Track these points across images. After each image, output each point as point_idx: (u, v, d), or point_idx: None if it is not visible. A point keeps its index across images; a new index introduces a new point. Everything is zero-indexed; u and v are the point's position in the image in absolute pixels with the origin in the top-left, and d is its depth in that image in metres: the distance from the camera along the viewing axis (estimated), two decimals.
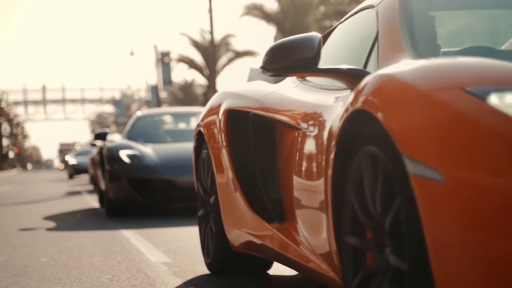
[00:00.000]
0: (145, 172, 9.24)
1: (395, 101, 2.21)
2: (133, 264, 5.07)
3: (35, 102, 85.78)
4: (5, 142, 78.51)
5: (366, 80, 2.42)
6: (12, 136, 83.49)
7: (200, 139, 4.53)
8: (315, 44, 2.95)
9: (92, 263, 5.21)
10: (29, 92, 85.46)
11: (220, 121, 4.07)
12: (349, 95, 2.67)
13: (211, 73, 39.81)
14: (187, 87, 63.45)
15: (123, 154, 9.42)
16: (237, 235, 3.95)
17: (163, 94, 58.68)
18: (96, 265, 5.10)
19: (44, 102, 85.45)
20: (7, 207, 13.00)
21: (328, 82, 3.41)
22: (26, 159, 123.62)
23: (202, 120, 4.44)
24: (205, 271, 4.65)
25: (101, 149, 10.95)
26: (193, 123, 11.29)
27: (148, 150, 9.61)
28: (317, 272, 3.02)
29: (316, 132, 3.05)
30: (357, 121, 2.47)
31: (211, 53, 34.48)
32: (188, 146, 9.33)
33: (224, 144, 3.97)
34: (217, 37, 46.91)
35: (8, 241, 7.00)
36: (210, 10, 31.76)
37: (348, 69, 2.97)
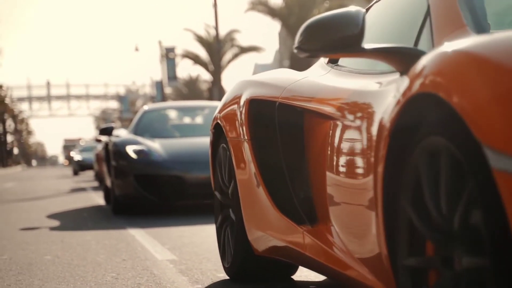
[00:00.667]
0: (153, 168, 8.87)
1: (469, 80, 1.82)
2: (138, 262, 4.99)
3: (40, 98, 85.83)
4: (9, 138, 78.55)
5: (425, 59, 2.08)
6: (17, 132, 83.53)
7: (217, 132, 4.12)
8: (360, 20, 2.57)
9: (97, 261, 5.13)
10: (33, 88, 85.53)
11: (241, 112, 3.68)
12: (400, 79, 2.36)
13: (216, 69, 39.71)
14: (192, 83, 63.40)
15: (130, 150, 9.08)
16: (260, 238, 3.58)
17: (168, 90, 58.63)
18: (101, 263, 5.02)
19: (48, 98, 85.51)
20: (12, 204, 12.93)
21: (368, 66, 3.08)
22: (31, 155, 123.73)
23: (220, 112, 4.03)
24: (212, 269, 4.57)
25: (106, 144, 10.56)
26: (201, 117, 11.02)
27: (155, 145, 9.24)
28: (356, 280, 2.71)
29: (358, 122, 2.67)
30: (416, 108, 2.13)
31: (216, 49, 34.35)
32: (197, 141, 9.24)
33: (246, 137, 3.60)
34: (222, 32, 46.81)
35: (12, 238, 6.92)
36: (215, 5, 31.65)
37: (401, 48, 2.58)
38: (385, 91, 2.53)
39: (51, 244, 6.25)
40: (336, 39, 2.59)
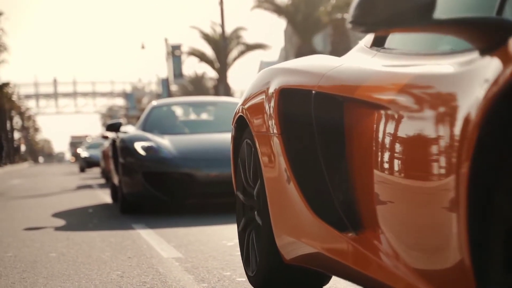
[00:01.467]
0: (162, 165, 8.50)
1: None
2: (144, 260, 4.95)
3: (47, 96, 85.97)
4: (16, 135, 78.67)
5: None
6: (24, 129, 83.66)
7: (241, 126, 3.68)
8: None
9: (102, 258, 5.09)
10: (40, 86, 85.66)
11: (270, 103, 3.22)
12: (485, 59, 1.96)
13: (222, 66, 39.68)
14: (197, 80, 63.38)
15: (138, 146, 8.70)
16: (291, 244, 3.13)
17: (173, 87, 58.61)
18: (106, 260, 4.98)
19: (55, 95, 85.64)
20: (18, 200, 12.91)
21: (426, 46, 2.67)
22: (38, 152, 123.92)
23: (244, 104, 3.59)
24: (218, 267, 4.52)
25: (114, 141, 10.24)
26: (212, 113, 10.70)
27: (165, 141, 8.87)
28: None
29: (423, 113, 2.20)
30: None
31: (222, 46, 34.29)
32: (207, 138, 9.01)
33: (275, 131, 3.14)
34: (228, 30, 46.76)
35: (17, 235, 6.89)
36: (221, 3, 31.59)
37: (487, 18, 2.08)
38: (462, 74, 2.08)
39: (56, 242, 6.21)
40: (403, 10, 2.16)
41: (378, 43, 3.02)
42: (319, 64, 3.11)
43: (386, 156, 2.40)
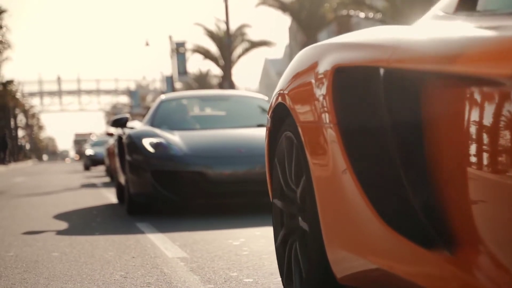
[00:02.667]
0: (172, 163, 7.86)
1: None
2: (148, 260, 4.81)
3: (51, 93, 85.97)
4: (20, 133, 78.65)
5: None
6: (28, 127, 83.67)
7: (279, 117, 3.07)
8: None
9: (105, 258, 4.96)
10: (44, 83, 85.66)
11: (322, 86, 2.56)
12: None
13: (227, 64, 39.54)
14: (202, 78, 63.28)
15: (147, 143, 8.08)
16: (347, 260, 2.45)
17: (178, 85, 58.51)
18: (109, 260, 4.85)
19: (59, 93, 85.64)
20: (20, 199, 12.79)
21: None
22: (42, 150, 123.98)
23: (285, 89, 2.95)
24: (224, 267, 4.38)
25: (119, 137, 9.62)
26: (224, 107, 9.95)
27: (175, 138, 8.23)
28: None
29: None
30: None
31: (227, 43, 34.15)
32: (220, 134, 8.47)
33: (330, 120, 2.47)
34: (232, 27, 46.64)
35: (19, 234, 6.76)
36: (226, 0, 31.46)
37: None
38: None
39: (59, 241, 6.08)
40: None
41: (467, 6, 2.42)
42: (387, 35, 2.43)
43: (488, 150, 1.82)
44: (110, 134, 19.11)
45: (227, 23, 32.96)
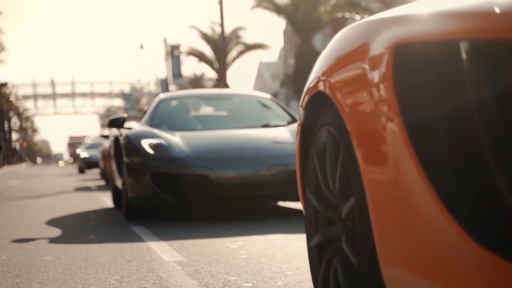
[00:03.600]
0: (173, 166, 7.37)
1: None
2: (143, 263, 4.70)
3: (45, 96, 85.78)
4: (14, 136, 78.43)
5: None
6: (22, 130, 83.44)
7: (316, 107, 2.58)
8: None
9: (100, 262, 4.84)
10: (38, 86, 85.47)
11: (378, 68, 2.01)
12: None
13: (221, 66, 39.45)
14: (196, 81, 63.17)
15: (146, 144, 7.60)
16: (411, 282, 1.90)
17: (172, 88, 58.39)
18: (104, 264, 4.73)
19: (53, 96, 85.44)
20: (14, 201, 12.66)
21: None
22: (36, 153, 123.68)
23: (326, 74, 2.42)
24: (222, 271, 4.27)
25: (116, 138, 9.20)
26: (226, 107, 9.38)
27: (176, 139, 7.75)
28: None
29: None
30: None
31: (221, 46, 34.04)
32: (223, 135, 7.98)
33: (390, 110, 1.92)
34: (227, 30, 46.55)
35: (11, 237, 6.63)
36: (220, 2, 31.36)
37: None
38: None
39: (52, 244, 5.96)
40: None
41: None
42: (465, 2, 1.82)
43: None
44: (105, 136, 18.91)
45: (222, 25, 32.85)
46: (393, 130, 1.92)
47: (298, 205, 8.35)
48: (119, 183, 8.90)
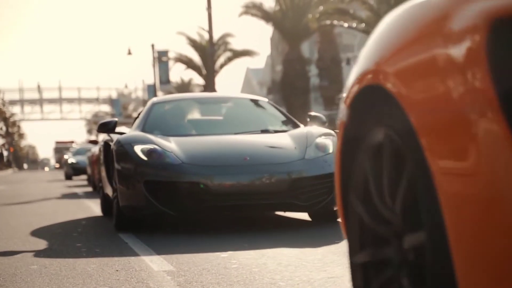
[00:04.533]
0: (168, 173, 6.90)
1: None
2: (132, 273, 4.59)
3: (32, 102, 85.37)
4: (0, 141, 78.01)
5: None
6: (8, 135, 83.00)
7: (368, 104, 2.06)
8: None
9: (87, 271, 4.73)
10: (25, 91, 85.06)
11: (467, 51, 1.50)
12: None
13: (209, 73, 39.34)
14: (184, 87, 63.03)
15: (138, 149, 7.10)
16: None
17: (160, 94, 58.23)
18: (92, 274, 4.62)
19: (40, 101, 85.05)
20: (0, 207, 12.49)
21: None
22: (22, 158, 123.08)
23: (379, 63, 1.90)
24: (213, 282, 4.17)
25: (106, 143, 8.77)
26: (222, 111, 8.88)
27: (170, 144, 7.26)
28: None
29: None
30: None
31: (210, 52, 33.94)
32: (220, 140, 7.50)
33: (488, 104, 1.43)
34: (215, 36, 46.45)
35: None
36: (209, 8, 31.28)
37: None
38: None
39: (39, 252, 5.84)
40: None
41: None
42: None
43: None
44: (94, 142, 18.71)
45: (210, 32, 32.75)
46: (491, 131, 1.42)
47: (289, 214, 8.26)
48: (109, 191, 8.44)
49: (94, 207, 11.33)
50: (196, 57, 48.08)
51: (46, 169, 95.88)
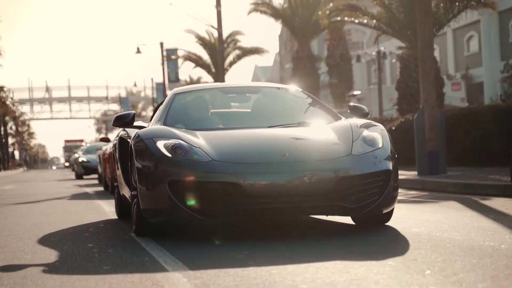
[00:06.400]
0: (196, 172, 5.97)
1: None
2: (147, 276, 4.42)
3: (41, 101, 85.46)
4: (10, 140, 78.06)
5: None
6: (18, 134, 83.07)
7: None
8: None
9: (100, 273, 4.56)
10: (35, 90, 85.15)
11: None
12: None
13: (218, 71, 39.18)
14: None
15: (161, 145, 6.23)
16: None
17: (169, 92, 58.21)
18: (104, 276, 4.45)
19: (50, 100, 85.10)
20: (8, 207, 12.36)
21: None
22: (32, 157, 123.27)
23: None
24: (232, 284, 3.99)
25: (121, 139, 8.08)
26: (250, 103, 7.93)
27: (198, 139, 6.39)
28: None
29: None
30: None
31: (219, 50, 33.77)
32: (252, 134, 6.65)
33: None
34: (224, 34, 46.29)
35: (6, 246, 6.35)
36: (218, 5, 31.10)
37: None
38: None
39: (49, 253, 5.68)
40: None
41: None
42: None
43: None
44: (105, 139, 18.43)
45: (219, 30, 32.57)
46: None
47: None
48: (125, 191, 7.71)
49: (104, 206, 11.18)
50: (205, 55, 47.95)
51: (54, 167, 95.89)
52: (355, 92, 45.50)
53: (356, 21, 28.27)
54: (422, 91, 14.49)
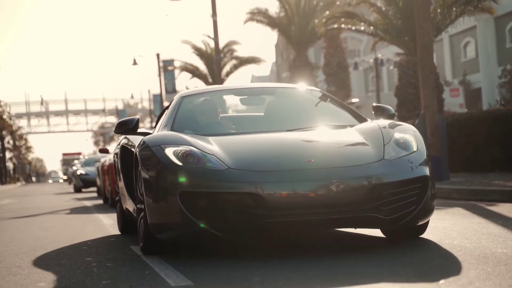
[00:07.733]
0: (210, 182, 5.33)
1: None
2: None
3: (38, 115, 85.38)
4: (8, 155, 77.89)
5: None
6: (15, 148, 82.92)
7: None
8: None
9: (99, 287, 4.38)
10: (32, 104, 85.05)
11: None
12: None
13: (215, 81, 39.05)
14: None
15: (171, 152, 5.58)
16: None
17: (166, 104, 58.06)
18: None
19: (47, 114, 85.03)
20: (6, 221, 12.17)
21: None
22: (34, 171, 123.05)
23: None
24: None
25: (123, 147, 7.49)
26: (263, 106, 7.27)
27: (211, 146, 5.74)
28: None
29: None
30: None
31: (216, 60, 33.65)
32: (269, 140, 6.00)
33: None
34: (220, 44, 46.19)
35: (2, 261, 6.17)
36: (214, 15, 31.00)
37: None
38: None
39: (47, 268, 5.49)
40: None
41: None
42: None
43: None
44: (104, 150, 18.07)
45: (216, 40, 32.45)
46: None
47: None
48: (129, 205, 7.15)
49: (102, 218, 10.99)
50: (202, 66, 47.81)
51: (50, 181, 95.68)
52: (354, 100, 45.44)
53: (353, 28, 28.19)
54: (422, 97, 14.34)
